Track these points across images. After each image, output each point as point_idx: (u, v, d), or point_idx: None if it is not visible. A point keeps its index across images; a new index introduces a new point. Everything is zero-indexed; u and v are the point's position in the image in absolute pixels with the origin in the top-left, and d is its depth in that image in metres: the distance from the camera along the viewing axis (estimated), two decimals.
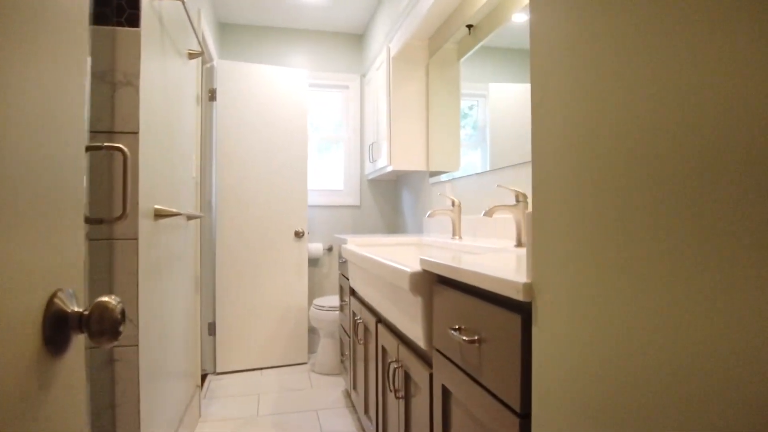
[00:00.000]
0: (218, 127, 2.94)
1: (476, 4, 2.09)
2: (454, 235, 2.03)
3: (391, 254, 2.21)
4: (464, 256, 1.16)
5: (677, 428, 0.43)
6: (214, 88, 2.98)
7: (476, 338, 0.84)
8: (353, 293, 2.21)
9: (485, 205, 2.04)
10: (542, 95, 0.66)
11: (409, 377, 1.30)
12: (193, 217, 2.11)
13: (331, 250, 3.44)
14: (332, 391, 2.66)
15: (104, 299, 0.50)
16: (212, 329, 3.01)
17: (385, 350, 1.56)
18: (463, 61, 2.27)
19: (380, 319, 1.67)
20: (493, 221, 1.90)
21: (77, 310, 0.50)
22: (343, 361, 2.52)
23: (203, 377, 2.92)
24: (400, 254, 2.23)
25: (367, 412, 1.89)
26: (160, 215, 1.58)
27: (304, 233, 3.10)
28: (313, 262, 3.42)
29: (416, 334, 1.16)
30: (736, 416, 0.38)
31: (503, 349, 0.75)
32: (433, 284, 1.09)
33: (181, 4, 1.77)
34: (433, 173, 2.67)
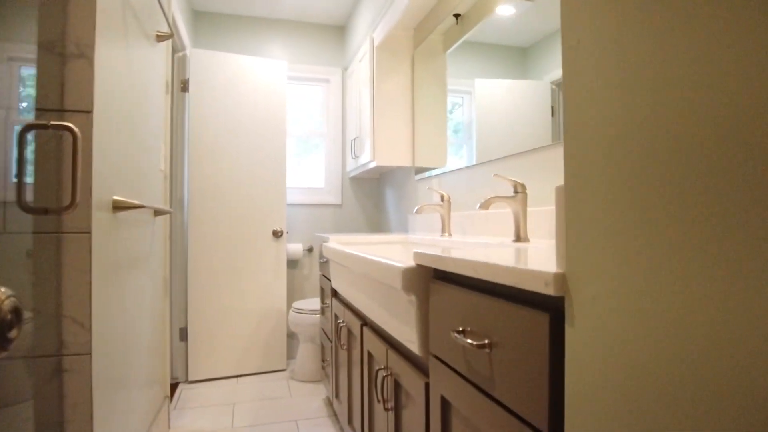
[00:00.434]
0: (191, 119, 2.77)
1: None
2: (443, 232, 1.91)
3: (376, 252, 2.06)
4: (460, 250, 1.03)
5: None
6: (186, 78, 2.80)
7: (486, 342, 0.71)
8: (335, 295, 2.07)
9: (475, 200, 1.92)
10: (576, 54, 0.53)
11: (399, 386, 1.17)
12: (161, 212, 1.94)
13: (311, 250, 3.28)
14: (313, 399, 2.50)
15: None
16: (184, 335, 2.82)
17: (371, 356, 1.42)
18: (449, 52, 2.16)
19: (366, 322, 1.53)
20: (485, 217, 1.78)
21: None
22: (324, 367, 2.36)
23: (174, 386, 2.73)
24: (385, 252, 2.09)
25: (351, 422, 1.74)
26: (119, 207, 1.42)
27: (282, 233, 2.93)
28: (292, 263, 3.25)
29: (409, 338, 1.03)
30: None
31: (524, 355, 0.62)
32: (429, 281, 0.95)
33: None
34: (418, 170, 2.55)
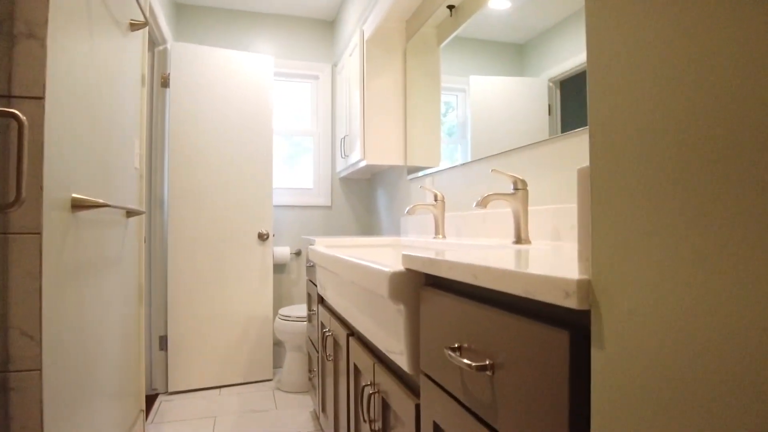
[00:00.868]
0: (172, 116, 2.63)
1: None
2: (437, 233, 1.78)
3: (364, 256, 1.94)
4: (456, 252, 0.91)
5: None
6: (167, 73, 2.67)
7: (488, 363, 0.58)
8: (322, 301, 1.94)
9: (471, 200, 1.80)
10: (601, 33, 0.41)
11: (387, 406, 1.04)
12: (134, 213, 1.80)
13: (299, 254, 3.15)
14: (299, 412, 2.37)
15: None
16: (164, 343, 2.67)
17: (358, 370, 1.29)
18: (443, 46, 2.05)
19: (353, 332, 1.40)
20: (482, 218, 1.67)
21: None
22: (311, 378, 2.23)
23: (153, 398, 2.58)
24: (375, 256, 1.97)
25: None
26: (80, 206, 1.28)
27: (268, 235, 2.80)
28: (279, 267, 3.12)
29: (398, 353, 0.90)
30: None
31: (535, 381, 0.50)
32: (420, 288, 0.83)
33: None
34: (411, 169, 2.43)
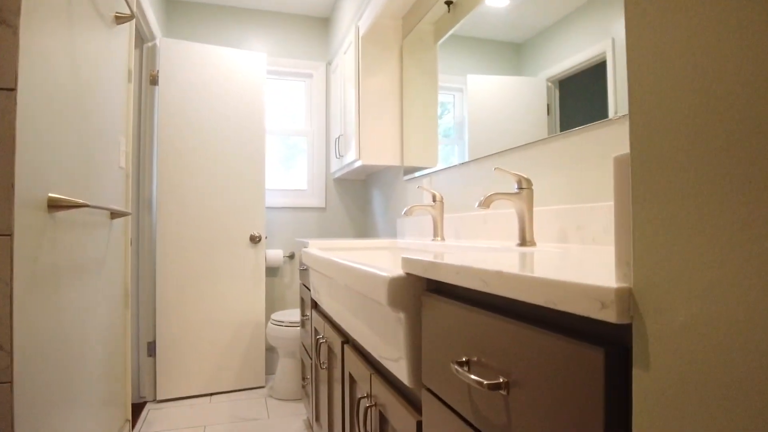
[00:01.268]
0: (161, 114, 2.55)
1: None
2: (435, 236, 1.72)
3: (360, 259, 1.87)
4: (459, 255, 0.84)
5: None
6: (156, 70, 2.59)
7: (502, 381, 0.52)
8: (316, 306, 1.86)
9: (470, 201, 1.74)
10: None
11: (385, 420, 0.97)
12: (118, 214, 1.73)
13: (292, 257, 3.07)
14: (292, 421, 2.29)
15: None
16: (152, 349, 2.58)
17: (353, 380, 1.22)
18: (441, 43, 1.99)
19: (347, 339, 1.33)
20: (482, 219, 1.60)
21: None
22: (304, 386, 2.15)
23: (141, 407, 2.49)
24: (371, 259, 1.90)
25: None
26: (57, 206, 1.21)
27: (261, 238, 2.72)
28: (272, 270, 3.04)
29: (397, 364, 0.83)
30: None
31: (560, 405, 0.43)
32: (421, 294, 0.76)
33: None
34: (407, 170, 2.36)
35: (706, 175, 0.30)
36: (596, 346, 0.39)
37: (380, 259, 1.90)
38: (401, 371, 0.81)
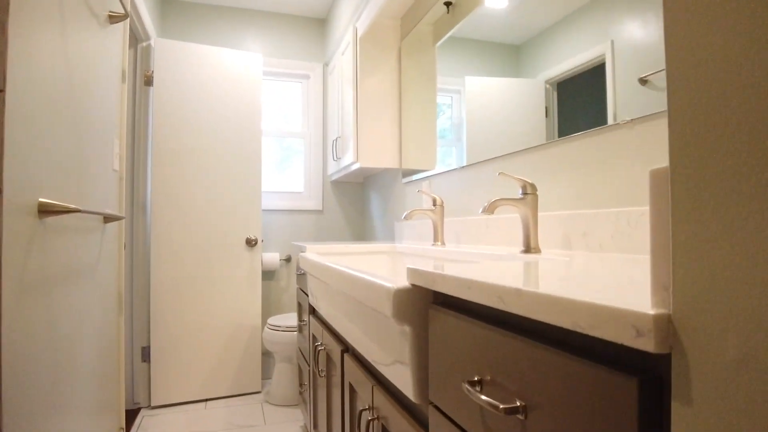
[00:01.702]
0: (155, 116, 2.51)
1: None
2: (435, 240, 1.69)
3: (359, 265, 1.84)
4: (465, 264, 0.81)
5: None
6: (151, 71, 2.55)
7: (519, 405, 0.49)
8: (313, 312, 1.83)
9: (471, 204, 1.71)
10: None
11: None
12: (111, 218, 1.68)
13: (289, 260, 3.03)
14: (289, 427, 2.25)
15: None
16: (146, 355, 2.54)
17: (354, 390, 1.19)
18: (440, 45, 1.96)
19: (347, 347, 1.30)
20: (484, 224, 1.57)
21: None
22: (302, 392, 2.12)
23: (135, 413, 2.45)
24: (370, 265, 1.87)
25: None
26: (48, 211, 1.17)
27: (257, 241, 2.68)
28: (268, 274, 3.00)
29: (402, 379, 0.80)
30: None
31: None
32: (428, 307, 0.73)
33: None
34: (406, 172, 2.33)
35: (762, 188, 0.28)
36: (628, 374, 0.36)
37: (380, 264, 1.87)
38: (406, 386, 0.78)
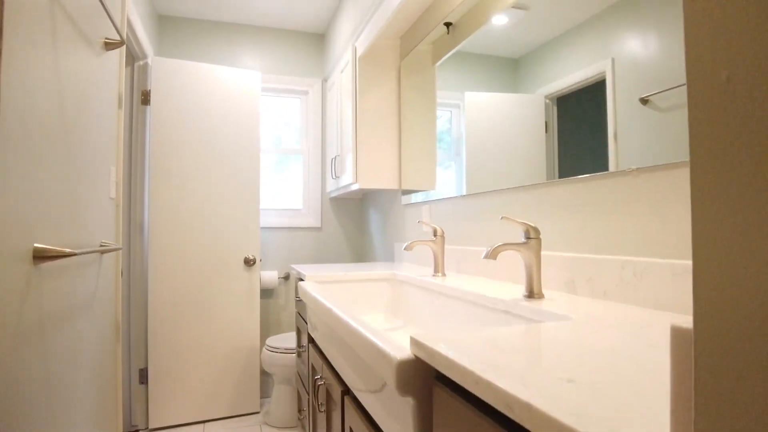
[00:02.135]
0: (153, 135, 2.49)
1: None
2: (436, 271, 1.67)
3: (358, 296, 1.82)
4: (466, 341, 0.79)
5: None
6: (148, 89, 2.52)
7: None
8: (312, 341, 1.81)
9: (471, 234, 1.69)
10: None
11: None
12: (108, 250, 1.66)
13: (287, 278, 3.01)
14: None
15: None
16: (144, 377, 2.52)
17: None
18: (439, 65, 1.95)
19: (348, 390, 1.28)
20: (478, 255, 1.56)
21: None
22: (301, 418, 2.10)
23: None
24: (370, 298, 1.85)
25: None
26: (44, 257, 1.14)
27: (255, 261, 2.66)
28: (267, 292, 2.98)
29: None
30: None
31: None
32: (432, 383, 0.71)
33: None
34: (405, 190, 2.32)
35: None
36: None
37: (379, 298, 1.85)
38: None
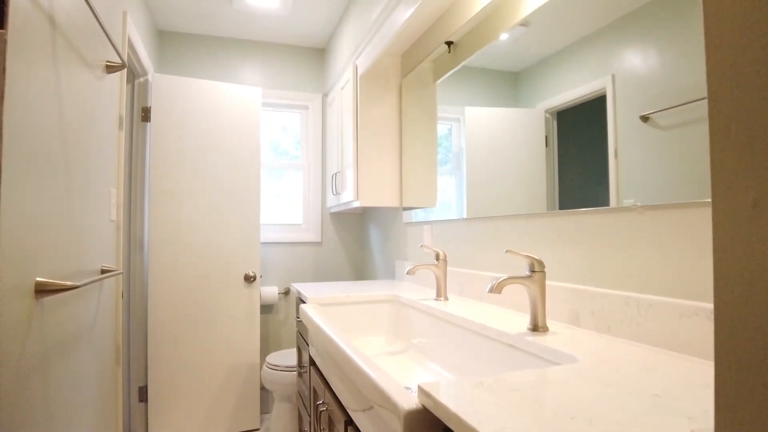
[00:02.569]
0: (153, 151, 2.48)
1: (459, 19, 1.77)
2: (438, 295, 1.67)
3: (360, 318, 1.82)
4: (486, 382, 0.79)
5: None
6: (148, 106, 2.52)
7: None
8: (313, 363, 1.80)
9: (473, 257, 1.69)
10: None
11: None
12: (109, 275, 1.65)
13: (287, 293, 3.00)
14: None
15: None
16: (144, 394, 2.51)
17: None
18: (439, 82, 1.95)
19: (351, 420, 1.27)
20: (489, 281, 1.56)
21: None
22: None
23: None
24: (372, 319, 1.84)
25: None
26: (45, 291, 1.14)
27: (255, 277, 2.66)
28: (267, 308, 2.97)
29: None
30: None
31: None
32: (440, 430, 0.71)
33: (84, 0, 1.34)
34: (406, 208, 2.32)
35: None
36: None
37: (383, 324, 1.85)
38: None
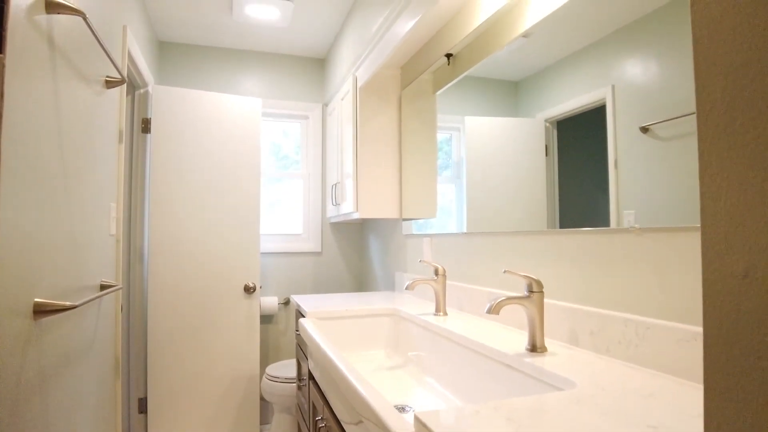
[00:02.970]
0: (153, 163, 2.49)
1: (459, 32, 1.78)
2: (437, 310, 1.67)
3: (359, 332, 1.82)
4: (483, 411, 0.79)
5: None
6: (148, 118, 2.53)
7: None
8: (313, 378, 1.80)
9: (472, 271, 1.69)
10: None
11: None
12: (109, 291, 1.66)
13: (287, 303, 3.00)
14: None
15: None
16: (143, 406, 2.50)
17: None
18: (439, 93, 1.96)
19: None
20: (487, 295, 1.55)
21: None
22: None
23: None
24: (371, 333, 1.84)
25: None
26: (43, 311, 1.14)
27: (255, 288, 2.66)
28: (266, 318, 2.97)
29: None
30: None
31: None
32: None
33: (82, 20, 1.35)
34: (406, 218, 2.32)
35: None
36: None
37: (382, 339, 1.85)
38: None
